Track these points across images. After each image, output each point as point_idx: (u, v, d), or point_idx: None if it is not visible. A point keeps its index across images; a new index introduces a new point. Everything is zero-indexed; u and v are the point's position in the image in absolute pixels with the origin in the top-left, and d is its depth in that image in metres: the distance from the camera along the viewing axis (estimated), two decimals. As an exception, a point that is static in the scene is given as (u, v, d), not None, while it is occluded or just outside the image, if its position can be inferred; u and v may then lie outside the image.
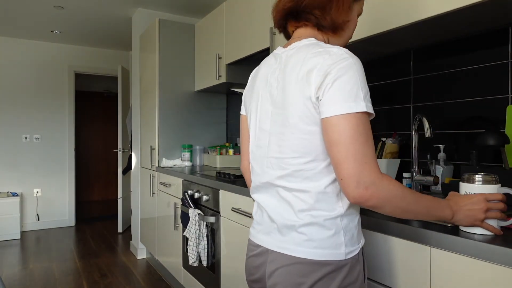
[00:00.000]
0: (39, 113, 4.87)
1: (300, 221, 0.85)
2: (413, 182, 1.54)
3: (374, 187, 0.76)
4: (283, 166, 0.88)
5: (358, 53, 1.86)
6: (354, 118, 0.76)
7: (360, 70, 0.80)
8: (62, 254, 3.81)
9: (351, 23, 0.95)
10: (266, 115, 0.93)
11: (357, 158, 0.76)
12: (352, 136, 0.76)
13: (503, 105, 1.45)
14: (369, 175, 0.76)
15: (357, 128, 0.76)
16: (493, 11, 1.27)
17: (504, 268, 0.80)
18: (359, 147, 0.76)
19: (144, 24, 3.69)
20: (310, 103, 0.81)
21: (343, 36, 0.96)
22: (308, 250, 0.84)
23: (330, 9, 0.89)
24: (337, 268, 0.83)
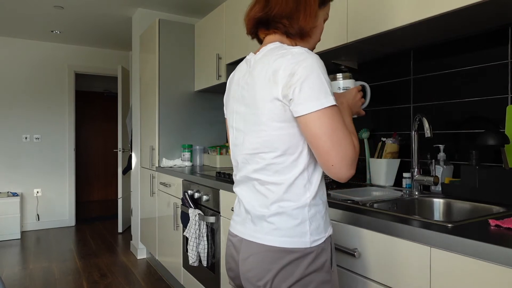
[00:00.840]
0: (39, 113, 4.86)
1: (269, 211, 0.93)
2: (413, 182, 1.54)
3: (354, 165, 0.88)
4: (257, 161, 0.96)
5: (358, 53, 1.86)
6: (328, 111, 0.85)
7: (322, 66, 0.88)
8: (62, 254, 3.81)
9: (317, 28, 1.02)
10: (240, 116, 1.01)
11: (342, 144, 0.86)
12: (331, 127, 0.85)
13: (503, 105, 1.45)
14: (352, 153, 0.87)
15: (333, 119, 0.86)
16: (493, 11, 1.27)
17: (504, 268, 0.80)
18: (339, 133, 0.86)
19: (144, 24, 3.69)
20: (278, 102, 0.89)
21: (309, 41, 1.03)
22: (275, 239, 0.91)
23: (298, 18, 0.96)
24: (302, 255, 0.90)
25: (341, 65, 2.02)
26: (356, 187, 1.71)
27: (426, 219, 1.05)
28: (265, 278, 0.92)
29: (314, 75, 0.85)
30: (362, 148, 2.07)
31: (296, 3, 0.96)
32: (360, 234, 1.17)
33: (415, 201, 1.47)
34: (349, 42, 1.64)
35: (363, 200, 1.37)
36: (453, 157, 1.64)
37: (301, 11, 0.96)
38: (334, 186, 1.81)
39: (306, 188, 0.93)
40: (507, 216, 1.08)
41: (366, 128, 2.01)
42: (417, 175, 1.53)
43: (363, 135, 1.97)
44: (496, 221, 0.98)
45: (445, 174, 1.57)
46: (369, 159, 1.87)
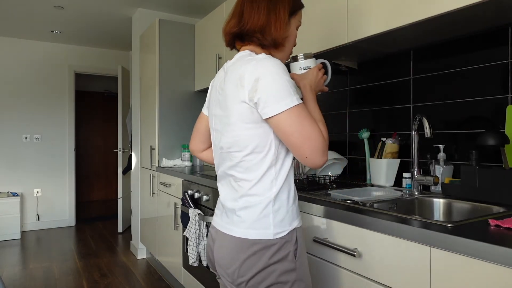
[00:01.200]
0: (39, 113, 4.86)
1: (238, 205, 1.03)
2: (413, 182, 1.54)
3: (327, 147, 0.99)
4: (230, 158, 1.05)
5: (358, 53, 1.86)
6: (294, 110, 0.94)
7: (283, 70, 0.97)
8: (62, 254, 3.81)
9: (290, 37, 1.11)
10: (217, 118, 1.10)
11: (311, 137, 0.95)
12: (300, 124, 0.94)
13: (503, 105, 1.45)
14: (323, 143, 0.97)
15: (300, 116, 0.95)
16: (493, 11, 1.27)
17: (504, 268, 0.80)
18: (308, 128, 0.95)
19: (144, 24, 3.69)
20: (245, 105, 0.98)
21: (283, 50, 1.11)
22: (242, 230, 1.01)
23: (270, 31, 1.04)
24: (266, 246, 0.99)
25: (341, 65, 2.02)
26: (356, 187, 1.71)
27: (426, 219, 1.05)
28: (233, 267, 1.01)
29: (276, 78, 0.94)
30: (362, 148, 2.07)
31: (267, 17, 1.04)
32: (360, 234, 1.17)
33: (415, 201, 1.47)
34: (349, 42, 1.64)
35: (363, 200, 1.37)
36: (453, 157, 1.64)
37: (272, 24, 1.04)
38: (334, 186, 1.81)
39: (273, 184, 1.01)
40: (507, 216, 1.08)
41: (366, 128, 2.01)
42: (417, 175, 1.53)
43: (363, 135, 1.97)
44: (496, 221, 0.98)
45: (445, 174, 1.57)
46: (369, 159, 1.87)
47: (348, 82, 2.17)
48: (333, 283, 1.28)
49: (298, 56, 1.19)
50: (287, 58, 1.15)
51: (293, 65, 1.20)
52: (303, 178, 1.78)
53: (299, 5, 1.11)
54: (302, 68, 1.19)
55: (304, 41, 1.89)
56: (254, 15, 1.04)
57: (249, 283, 0.99)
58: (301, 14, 1.13)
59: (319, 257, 1.34)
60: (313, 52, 1.85)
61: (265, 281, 0.99)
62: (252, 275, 0.99)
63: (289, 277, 1.00)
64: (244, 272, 0.99)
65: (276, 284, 0.99)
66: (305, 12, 1.90)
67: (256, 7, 1.04)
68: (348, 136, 2.17)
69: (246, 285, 1.00)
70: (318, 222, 1.35)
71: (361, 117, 2.08)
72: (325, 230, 1.32)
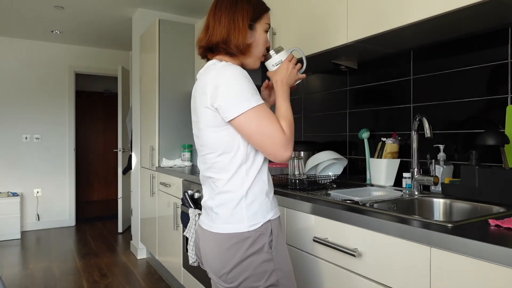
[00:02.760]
0: (39, 113, 4.86)
1: (215, 202, 1.11)
2: (413, 182, 1.54)
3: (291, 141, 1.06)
4: (206, 161, 1.15)
5: (358, 53, 1.86)
6: (252, 112, 1.02)
7: (242, 76, 1.04)
8: (62, 254, 3.81)
9: (257, 41, 1.17)
10: (194, 124, 1.19)
11: (271, 135, 1.03)
12: (258, 124, 1.03)
13: (503, 105, 1.45)
14: (283, 138, 1.04)
15: (258, 116, 1.03)
16: (493, 11, 1.27)
17: (504, 268, 0.80)
18: (267, 127, 1.03)
19: (144, 24, 3.69)
20: (209, 110, 1.07)
21: (251, 55, 1.18)
22: (219, 226, 1.09)
23: (231, 41, 1.12)
24: (241, 239, 1.06)
25: (341, 65, 2.02)
26: (356, 187, 1.71)
27: (426, 219, 1.05)
28: (215, 261, 1.09)
29: (233, 84, 1.03)
30: (362, 148, 2.07)
31: (227, 28, 1.12)
32: (360, 234, 1.17)
33: (415, 201, 1.47)
34: (349, 42, 1.64)
35: (363, 200, 1.37)
36: (453, 157, 1.64)
37: (232, 34, 1.11)
38: (334, 186, 1.81)
39: (244, 180, 1.09)
40: (507, 216, 1.08)
41: (366, 128, 2.01)
42: (417, 175, 1.53)
43: (363, 135, 1.97)
44: (496, 221, 0.98)
45: (445, 174, 1.57)
46: (369, 159, 1.87)
47: (348, 82, 2.17)
48: (333, 283, 1.28)
49: (269, 53, 1.22)
50: (259, 60, 1.21)
51: (267, 64, 1.24)
52: (303, 178, 1.78)
53: (261, 10, 1.17)
54: (274, 64, 1.22)
55: (304, 41, 1.89)
56: (217, 28, 1.13)
57: (229, 275, 1.06)
58: (268, 17, 1.20)
59: (319, 257, 1.34)
60: (313, 52, 1.85)
61: (244, 272, 1.05)
62: (231, 267, 1.06)
63: (267, 267, 1.07)
64: (224, 265, 1.07)
65: (255, 276, 1.06)
66: (305, 12, 1.90)
67: (218, 20, 1.13)
68: (348, 136, 2.17)
69: (227, 277, 1.07)
70: (318, 222, 1.35)
71: (361, 117, 2.08)
72: (325, 230, 1.32)
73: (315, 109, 2.40)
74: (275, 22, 2.11)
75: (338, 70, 2.19)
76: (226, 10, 1.13)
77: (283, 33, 2.06)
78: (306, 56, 1.86)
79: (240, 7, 1.13)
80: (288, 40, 2.00)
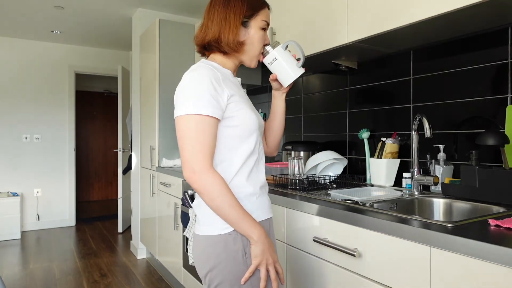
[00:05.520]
0: (39, 113, 4.86)
1: (195, 203, 1.14)
2: (413, 182, 1.54)
3: (199, 174, 0.97)
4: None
5: (358, 53, 1.86)
6: (186, 118, 0.99)
7: (201, 79, 1.00)
8: (62, 254, 3.81)
9: (250, 40, 1.12)
10: None
11: (189, 149, 0.98)
12: (185, 132, 0.99)
13: (503, 105, 1.45)
14: (198, 163, 0.98)
15: (187, 126, 0.99)
16: (493, 11, 1.27)
17: (504, 268, 0.80)
18: (190, 141, 0.98)
19: (144, 24, 3.69)
20: None
21: (246, 52, 1.14)
22: (198, 227, 1.09)
23: (221, 40, 1.09)
24: (214, 243, 1.03)
25: (341, 65, 2.02)
26: (356, 187, 1.71)
27: (426, 219, 1.05)
28: (195, 262, 1.10)
29: (187, 87, 1.01)
30: (362, 148, 2.07)
31: (219, 26, 1.09)
32: (360, 234, 1.17)
33: (415, 201, 1.47)
34: (349, 42, 1.64)
35: (363, 200, 1.37)
36: (453, 157, 1.64)
37: (222, 32, 1.09)
38: (334, 186, 1.81)
39: None
40: (507, 216, 1.08)
41: (366, 128, 2.01)
42: (417, 175, 1.53)
43: (363, 135, 1.97)
44: (496, 221, 0.98)
45: (445, 174, 1.57)
46: (369, 159, 1.87)
47: (348, 82, 2.17)
48: (333, 283, 1.28)
49: (266, 48, 1.17)
50: (255, 58, 1.16)
51: (264, 62, 1.19)
52: (303, 178, 1.78)
53: (256, 6, 1.12)
54: (269, 63, 1.18)
55: (304, 41, 1.89)
56: (210, 26, 1.11)
57: (206, 278, 1.05)
58: (266, 14, 1.14)
59: (319, 257, 1.34)
60: (313, 52, 1.85)
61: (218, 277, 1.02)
62: (206, 271, 1.04)
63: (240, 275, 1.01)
64: (201, 268, 1.06)
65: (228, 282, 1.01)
66: (305, 12, 1.90)
67: (211, 17, 1.11)
68: (348, 136, 2.17)
69: (205, 280, 1.06)
70: (318, 222, 1.35)
71: (361, 117, 2.08)
72: (325, 230, 1.32)
73: (315, 109, 2.40)
74: (275, 22, 2.11)
75: (338, 70, 2.19)
76: (219, 7, 1.10)
77: (283, 33, 2.06)
78: (306, 56, 1.86)
79: (232, 3, 1.10)
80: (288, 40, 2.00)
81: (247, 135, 1.08)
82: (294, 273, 1.48)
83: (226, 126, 1.05)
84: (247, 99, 1.15)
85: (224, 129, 1.05)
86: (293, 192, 1.64)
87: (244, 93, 1.16)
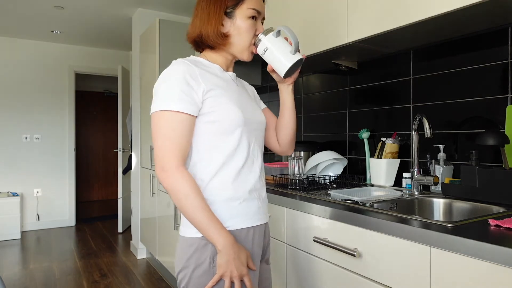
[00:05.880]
0: (39, 113, 4.86)
1: None
2: (413, 182, 1.54)
3: (167, 173, 0.93)
4: None
5: (358, 53, 1.86)
6: (159, 115, 0.95)
7: (176, 76, 0.96)
8: (62, 254, 3.81)
9: (236, 31, 1.05)
10: None
11: (159, 147, 0.95)
12: (156, 129, 0.96)
13: (503, 105, 1.45)
14: (167, 162, 0.94)
15: (158, 123, 0.95)
16: (493, 11, 1.27)
17: (504, 268, 0.80)
18: (161, 138, 0.95)
19: (144, 24, 3.69)
20: None
21: (235, 44, 1.07)
22: (180, 228, 1.04)
23: (203, 35, 1.06)
24: (187, 245, 1.00)
25: (341, 65, 2.02)
26: (356, 187, 1.71)
27: (426, 219, 1.05)
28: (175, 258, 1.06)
29: (163, 82, 0.97)
30: (362, 148, 2.07)
31: (201, 22, 1.06)
32: (360, 234, 1.17)
33: (415, 201, 1.47)
34: (349, 42, 1.64)
35: (363, 200, 1.37)
36: (453, 157, 1.64)
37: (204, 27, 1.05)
38: (334, 186, 1.81)
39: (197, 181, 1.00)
40: (507, 216, 1.08)
41: (366, 128, 2.01)
42: (417, 175, 1.53)
43: (363, 135, 1.97)
44: (496, 221, 0.98)
45: (445, 174, 1.57)
46: (369, 159, 1.87)
47: (348, 82, 2.17)
48: (333, 283, 1.28)
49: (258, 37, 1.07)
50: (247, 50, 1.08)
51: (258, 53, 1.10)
52: (303, 178, 1.78)
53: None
54: (262, 53, 1.08)
55: (305, 41, 1.89)
56: (194, 22, 1.08)
57: (178, 276, 1.01)
58: (252, 2, 1.05)
59: (319, 257, 1.34)
60: (313, 52, 1.84)
61: (184, 279, 0.99)
62: (177, 271, 1.01)
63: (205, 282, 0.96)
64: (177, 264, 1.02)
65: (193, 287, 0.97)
66: (305, 12, 1.90)
67: (196, 13, 1.08)
68: (348, 136, 2.17)
69: (177, 276, 1.02)
70: (318, 222, 1.35)
71: (361, 117, 2.08)
72: (325, 230, 1.32)
73: (315, 109, 2.40)
74: (275, 22, 2.11)
75: (338, 70, 2.19)
76: (202, 1, 1.07)
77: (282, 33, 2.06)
78: (307, 56, 1.86)
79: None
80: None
81: (228, 132, 1.00)
82: (294, 273, 1.48)
83: (205, 122, 0.99)
84: (238, 94, 1.07)
85: (202, 125, 0.99)
86: (293, 192, 1.64)
87: (237, 89, 1.10)
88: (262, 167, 1.11)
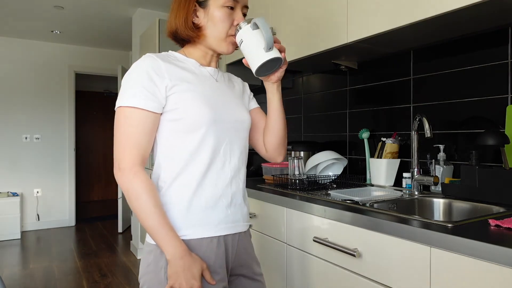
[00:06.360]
0: (39, 113, 4.86)
1: None
2: (413, 182, 1.54)
3: (121, 173, 0.89)
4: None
5: (358, 53, 1.86)
6: (121, 111, 0.91)
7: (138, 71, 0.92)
8: (62, 254, 3.81)
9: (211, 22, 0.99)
10: None
11: (117, 144, 0.90)
12: (116, 126, 0.91)
13: (503, 105, 1.45)
14: (122, 161, 0.89)
15: (118, 119, 0.91)
16: (493, 11, 1.27)
17: (504, 268, 0.80)
18: (119, 135, 0.90)
19: (144, 24, 3.69)
20: None
21: (210, 35, 1.01)
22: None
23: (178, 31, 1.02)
24: (147, 251, 0.95)
25: (341, 65, 2.02)
26: (356, 187, 1.71)
27: (426, 219, 1.05)
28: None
29: (128, 77, 0.93)
30: (362, 148, 2.07)
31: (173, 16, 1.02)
32: (360, 234, 1.17)
33: (415, 201, 1.47)
34: (349, 42, 1.64)
35: (363, 200, 1.37)
36: (453, 157, 1.64)
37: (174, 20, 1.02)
38: (334, 186, 1.81)
39: (161, 180, 0.96)
40: (507, 216, 1.08)
41: (366, 128, 2.01)
42: (417, 175, 1.53)
43: (363, 135, 1.97)
44: (496, 221, 0.98)
45: (445, 174, 1.57)
46: (369, 159, 1.87)
47: (348, 82, 2.17)
48: (333, 283, 1.28)
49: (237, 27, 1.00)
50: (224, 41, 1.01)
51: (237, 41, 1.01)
52: (303, 178, 1.78)
53: None
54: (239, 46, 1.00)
55: (304, 41, 1.89)
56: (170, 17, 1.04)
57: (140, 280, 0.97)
58: None
59: (319, 257, 1.34)
60: (313, 52, 1.84)
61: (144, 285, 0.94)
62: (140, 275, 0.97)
63: None
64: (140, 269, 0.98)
65: None
66: (305, 12, 1.90)
67: (171, 9, 1.04)
68: (348, 136, 2.17)
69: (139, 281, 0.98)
70: (318, 222, 1.35)
71: (361, 117, 2.08)
72: (325, 230, 1.32)
73: (315, 109, 2.40)
74: (275, 22, 2.11)
75: (338, 70, 2.19)
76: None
77: (282, 33, 2.06)
78: (307, 55, 1.86)
79: None
80: (288, 40, 2.00)
81: (189, 130, 0.93)
82: (294, 273, 1.48)
83: (168, 120, 0.93)
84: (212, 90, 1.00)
85: (166, 123, 0.94)
86: (293, 192, 1.64)
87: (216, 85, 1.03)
88: (238, 170, 1.02)
